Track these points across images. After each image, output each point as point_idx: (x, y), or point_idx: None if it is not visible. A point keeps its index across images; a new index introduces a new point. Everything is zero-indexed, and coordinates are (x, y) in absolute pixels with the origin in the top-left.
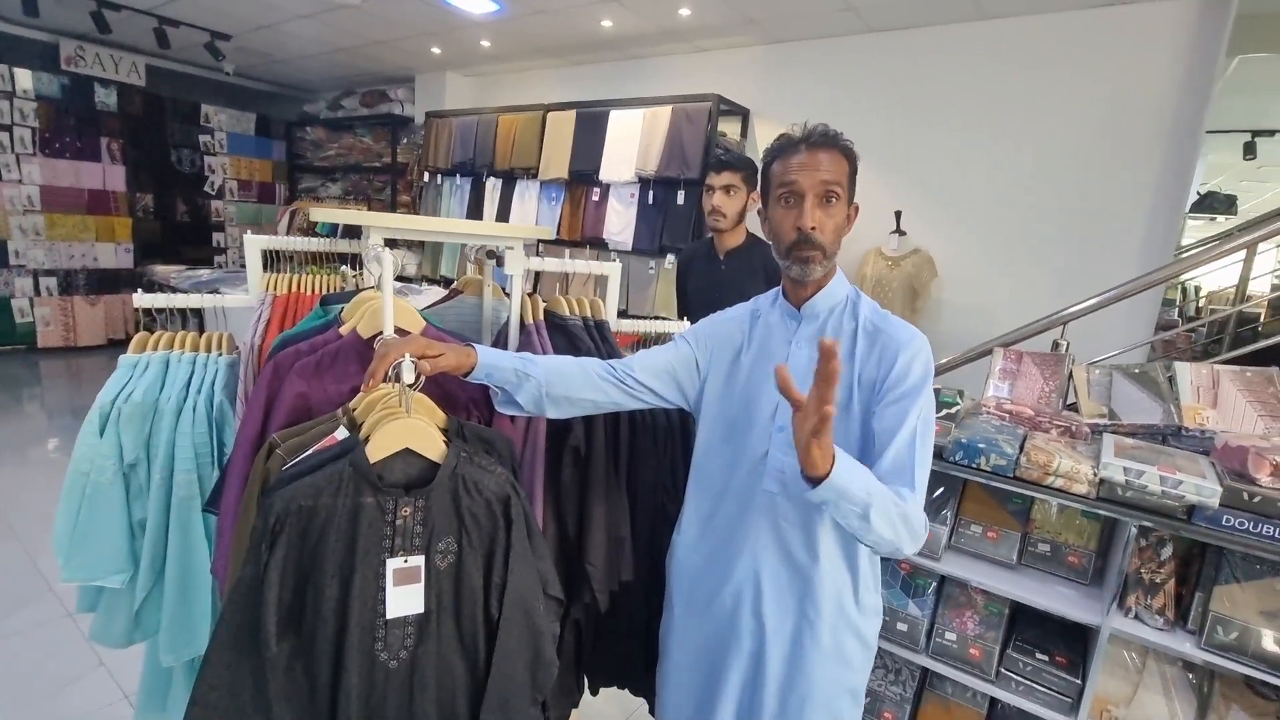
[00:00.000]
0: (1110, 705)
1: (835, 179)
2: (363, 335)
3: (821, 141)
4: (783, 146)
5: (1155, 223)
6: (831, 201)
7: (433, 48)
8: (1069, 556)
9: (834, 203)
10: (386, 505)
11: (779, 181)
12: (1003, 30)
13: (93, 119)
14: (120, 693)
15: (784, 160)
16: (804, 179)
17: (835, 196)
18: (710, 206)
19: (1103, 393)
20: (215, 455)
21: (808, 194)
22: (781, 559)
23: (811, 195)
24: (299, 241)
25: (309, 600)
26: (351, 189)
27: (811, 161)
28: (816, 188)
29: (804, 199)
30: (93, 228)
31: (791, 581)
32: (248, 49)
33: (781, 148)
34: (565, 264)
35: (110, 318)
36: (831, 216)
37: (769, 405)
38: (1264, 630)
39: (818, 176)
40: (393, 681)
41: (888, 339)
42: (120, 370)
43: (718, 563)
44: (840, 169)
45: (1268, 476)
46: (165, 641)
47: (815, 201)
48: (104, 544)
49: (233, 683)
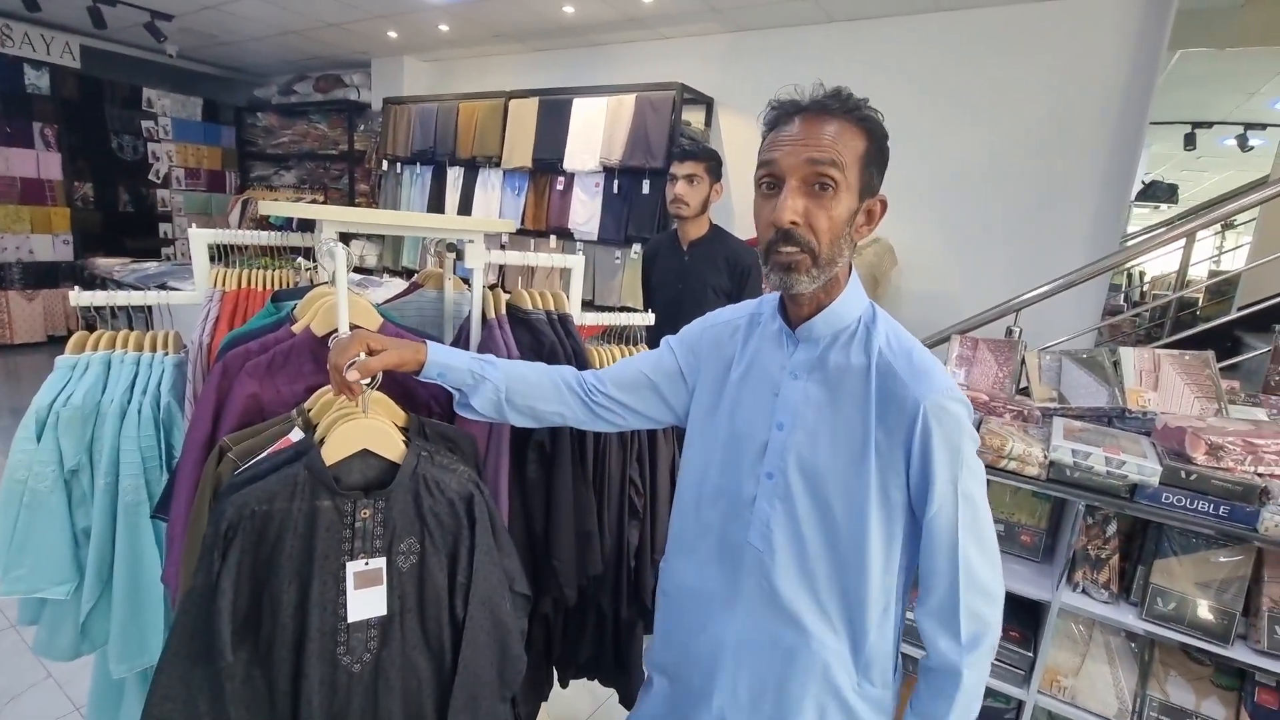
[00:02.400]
0: (1060, 675)
1: (831, 158)
2: (316, 333)
3: (820, 109)
4: (775, 115)
5: (1102, 211)
6: (824, 189)
7: (389, 31)
8: (1022, 535)
9: (829, 190)
10: (345, 508)
11: (759, 161)
12: (957, 21)
13: (23, 102)
14: (70, 705)
15: (773, 133)
16: (785, 157)
17: (830, 183)
18: (673, 196)
19: (1053, 377)
20: (163, 459)
21: (789, 177)
22: (763, 625)
23: (794, 179)
24: (248, 235)
25: (266, 607)
26: (307, 177)
27: (806, 134)
28: (800, 169)
29: (784, 184)
30: (27, 218)
31: (773, 655)
32: (192, 30)
33: (774, 117)
34: (528, 257)
35: (49, 313)
36: (825, 209)
37: (756, 441)
38: (1199, 600)
39: (804, 154)
40: (356, 685)
41: (903, 395)
42: (58, 372)
43: (698, 605)
44: (848, 146)
45: (1203, 455)
46: (115, 652)
47: (799, 188)
48: (45, 554)
49: (187, 695)
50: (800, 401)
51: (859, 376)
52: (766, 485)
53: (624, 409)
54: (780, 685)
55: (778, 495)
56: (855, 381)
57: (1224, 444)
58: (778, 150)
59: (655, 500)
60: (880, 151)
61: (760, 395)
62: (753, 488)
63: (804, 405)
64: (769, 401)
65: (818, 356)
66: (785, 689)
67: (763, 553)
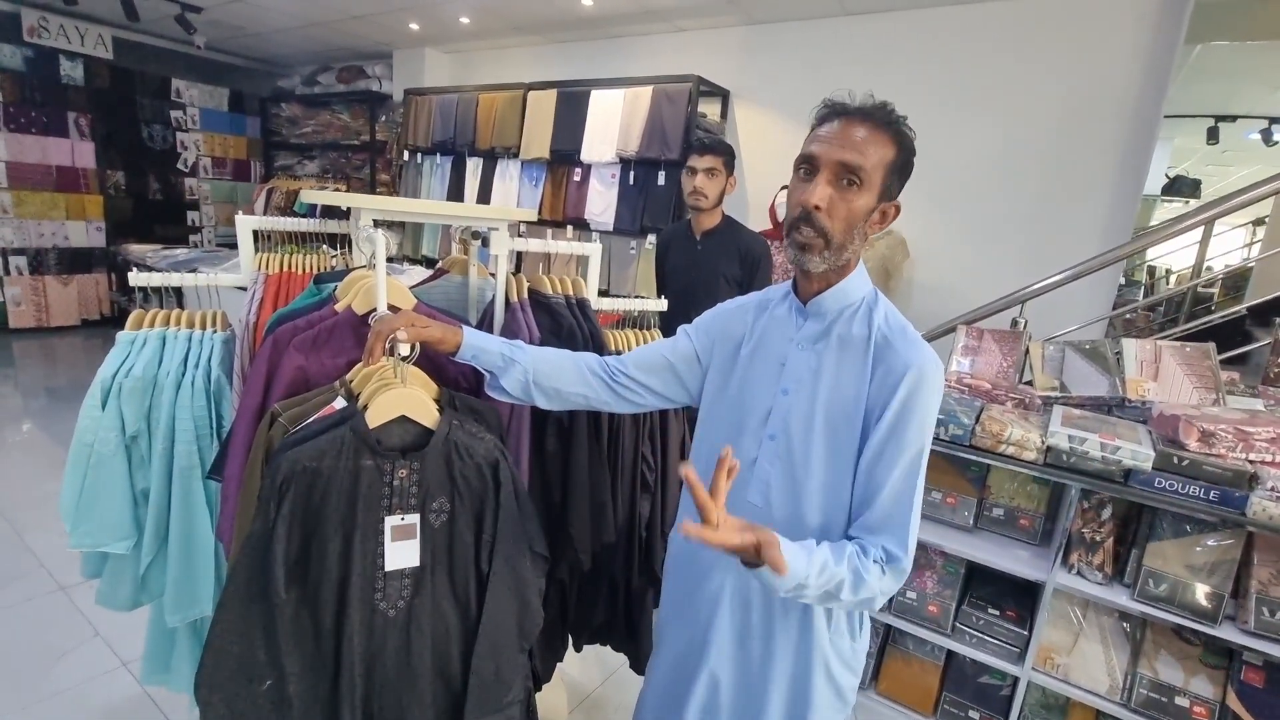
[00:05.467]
0: (1054, 654)
1: (859, 162)
2: (357, 311)
3: (862, 115)
4: (824, 113)
5: (1116, 204)
6: (850, 185)
7: (411, 23)
8: (1021, 520)
9: (853, 187)
10: (384, 467)
11: (802, 152)
12: (971, 14)
13: (59, 93)
14: (117, 660)
15: (816, 128)
16: (822, 151)
17: (856, 181)
18: (692, 188)
19: (1055, 367)
20: (214, 427)
21: (822, 169)
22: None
23: (826, 170)
24: (289, 222)
25: (314, 553)
26: (329, 167)
27: (842, 135)
28: (834, 165)
29: (817, 173)
30: (62, 205)
31: (765, 607)
32: (220, 22)
33: (824, 114)
34: (548, 244)
35: (84, 298)
36: (846, 201)
37: (762, 407)
38: (1190, 583)
39: (836, 154)
40: (391, 628)
41: (894, 359)
42: (119, 346)
43: (698, 567)
44: (878, 152)
45: (1196, 442)
46: (170, 603)
47: (829, 178)
48: (108, 512)
49: (245, 628)
50: (804, 369)
51: (860, 344)
52: (769, 446)
53: (645, 389)
54: (767, 634)
55: (778, 455)
56: (856, 349)
57: (1216, 431)
58: (818, 144)
59: (666, 477)
60: (906, 164)
61: (768, 367)
62: (755, 449)
63: (807, 372)
64: (775, 371)
65: (824, 329)
66: (771, 637)
67: (760, 509)
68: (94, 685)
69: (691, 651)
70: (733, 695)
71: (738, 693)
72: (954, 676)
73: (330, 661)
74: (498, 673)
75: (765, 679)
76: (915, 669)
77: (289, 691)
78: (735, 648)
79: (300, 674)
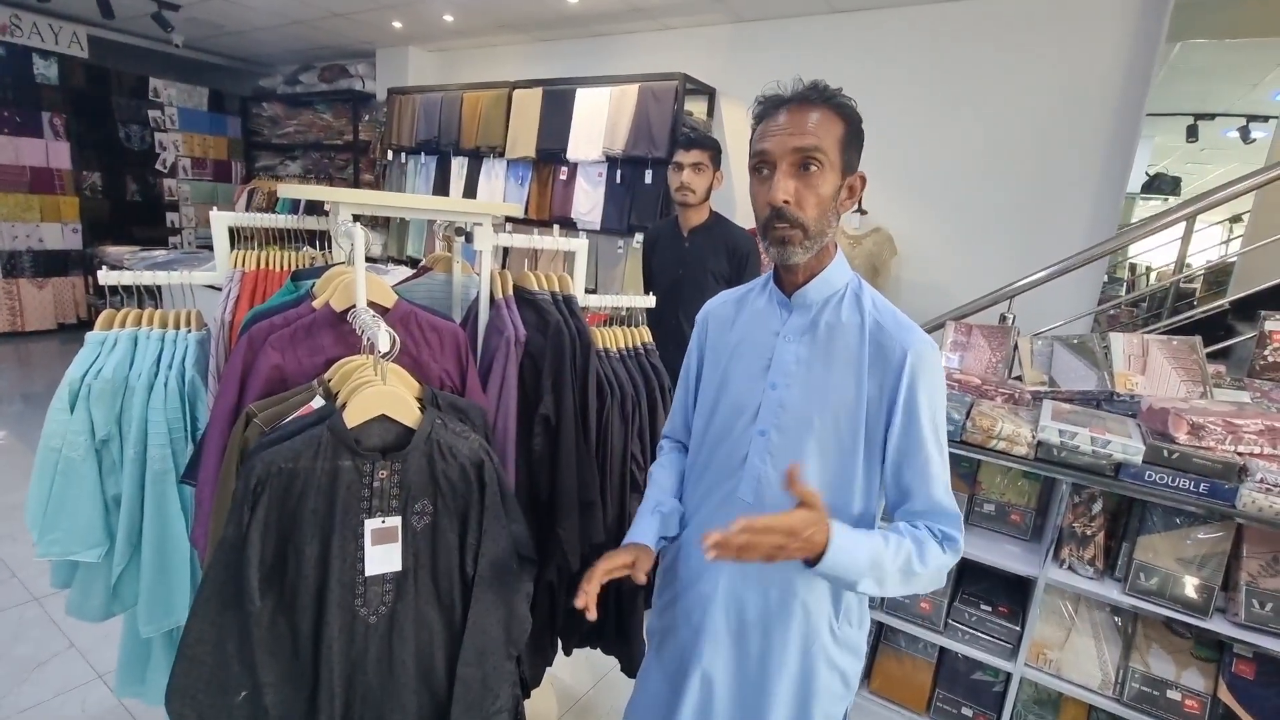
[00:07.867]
0: (1046, 649)
1: (814, 144)
2: (335, 308)
3: (803, 100)
4: (763, 109)
5: (1100, 202)
6: (811, 169)
7: (393, 21)
8: (1012, 515)
9: (814, 171)
10: (364, 468)
11: (752, 150)
12: (957, 12)
13: (32, 92)
14: (93, 672)
15: (762, 124)
16: (775, 145)
17: (815, 164)
18: (679, 183)
19: (1044, 362)
20: (188, 430)
21: (779, 162)
22: (750, 578)
23: (784, 163)
24: (267, 219)
25: (290, 558)
26: (312, 167)
27: (791, 123)
28: (789, 155)
29: (775, 168)
30: (37, 207)
31: (762, 603)
32: (198, 20)
33: (762, 110)
34: (533, 240)
35: (60, 301)
36: (813, 188)
37: (750, 403)
38: (1180, 576)
39: (790, 142)
40: (373, 635)
41: (889, 343)
42: (88, 347)
43: (690, 568)
44: (828, 131)
45: (1185, 435)
46: (144, 613)
47: (789, 170)
48: (78, 519)
49: (218, 636)
50: (792, 362)
51: (853, 332)
52: (759, 442)
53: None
54: (765, 631)
55: (769, 450)
56: (849, 337)
57: (1205, 424)
58: (768, 140)
59: None
60: (856, 134)
61: (753, 364)
62: (745, 446)
63: (795, 365)
64: (762, 367)
65: (810, 320)
66: (770, 633)
67: (752, 506)
68: (69, 698)
69: (684, 653)
70: (729, 694)
71: (735, 691)
72: (947, 674)
73: (309, 671)
74: (484, 680)
75: (765, 674)
76: (908, 666)
77: (265, 702)
78: (731, 646)
79: (277, 684)
